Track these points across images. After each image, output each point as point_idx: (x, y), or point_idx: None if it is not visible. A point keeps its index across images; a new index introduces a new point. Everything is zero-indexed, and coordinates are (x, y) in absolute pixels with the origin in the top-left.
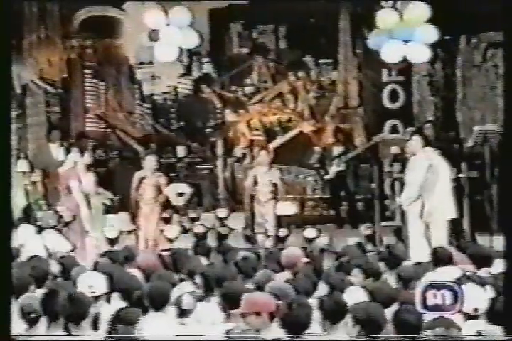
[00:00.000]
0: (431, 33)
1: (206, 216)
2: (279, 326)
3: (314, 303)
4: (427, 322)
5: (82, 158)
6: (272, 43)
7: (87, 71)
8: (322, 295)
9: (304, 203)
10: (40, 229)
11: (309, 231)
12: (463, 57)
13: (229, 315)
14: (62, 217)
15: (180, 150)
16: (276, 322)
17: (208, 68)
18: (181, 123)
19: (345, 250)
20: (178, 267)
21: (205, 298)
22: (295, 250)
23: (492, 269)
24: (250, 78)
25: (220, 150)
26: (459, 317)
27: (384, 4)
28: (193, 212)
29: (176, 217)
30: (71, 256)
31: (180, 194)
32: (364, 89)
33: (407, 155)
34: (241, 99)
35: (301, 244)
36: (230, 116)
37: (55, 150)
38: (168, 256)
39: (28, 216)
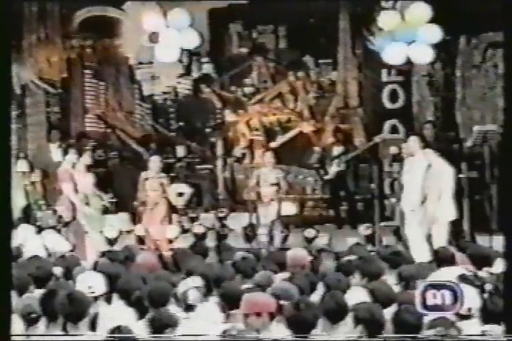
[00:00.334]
0: (434, 33)
1: (206, 216)
2: (285, 326)
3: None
4: (427, 322)
5: (80, 159)
6: (272, 43)
7: (86, 71)
8: (322, 295)
9: (304, 203)
10: (39, 229)
11: (309, 232)
12: (463, 57)
13: (228, 315)
14: (61, 217)
15: (180, 150)
16: (276, 321)
17: (208, 68)
18: (181, 124)
19: (351, 250)
20: (179, 267)
21: (205, 298)
22: (300, 251)
23: (492, 269)
24: (250, 78)
25: (219, 150)
26: (453, 317)
27: (384, 4)
28: (192, 212)
29: (176, 217)
30: (71, 255)
31: (180, 194)
32: (364, 89)
33: (404, 155)
34: (241, 99)
35: (300, 244)
36: (229, 116)
37: (54, 150)
38: (170, 256)
39: (27, 216)
